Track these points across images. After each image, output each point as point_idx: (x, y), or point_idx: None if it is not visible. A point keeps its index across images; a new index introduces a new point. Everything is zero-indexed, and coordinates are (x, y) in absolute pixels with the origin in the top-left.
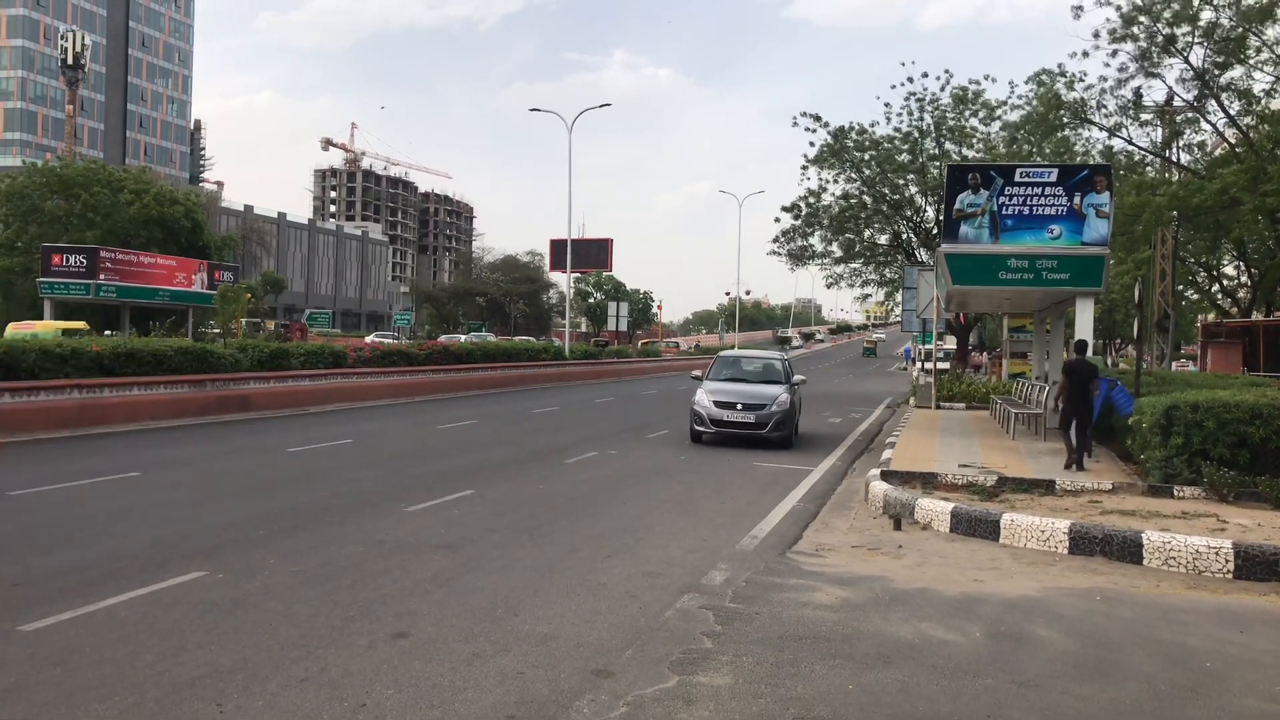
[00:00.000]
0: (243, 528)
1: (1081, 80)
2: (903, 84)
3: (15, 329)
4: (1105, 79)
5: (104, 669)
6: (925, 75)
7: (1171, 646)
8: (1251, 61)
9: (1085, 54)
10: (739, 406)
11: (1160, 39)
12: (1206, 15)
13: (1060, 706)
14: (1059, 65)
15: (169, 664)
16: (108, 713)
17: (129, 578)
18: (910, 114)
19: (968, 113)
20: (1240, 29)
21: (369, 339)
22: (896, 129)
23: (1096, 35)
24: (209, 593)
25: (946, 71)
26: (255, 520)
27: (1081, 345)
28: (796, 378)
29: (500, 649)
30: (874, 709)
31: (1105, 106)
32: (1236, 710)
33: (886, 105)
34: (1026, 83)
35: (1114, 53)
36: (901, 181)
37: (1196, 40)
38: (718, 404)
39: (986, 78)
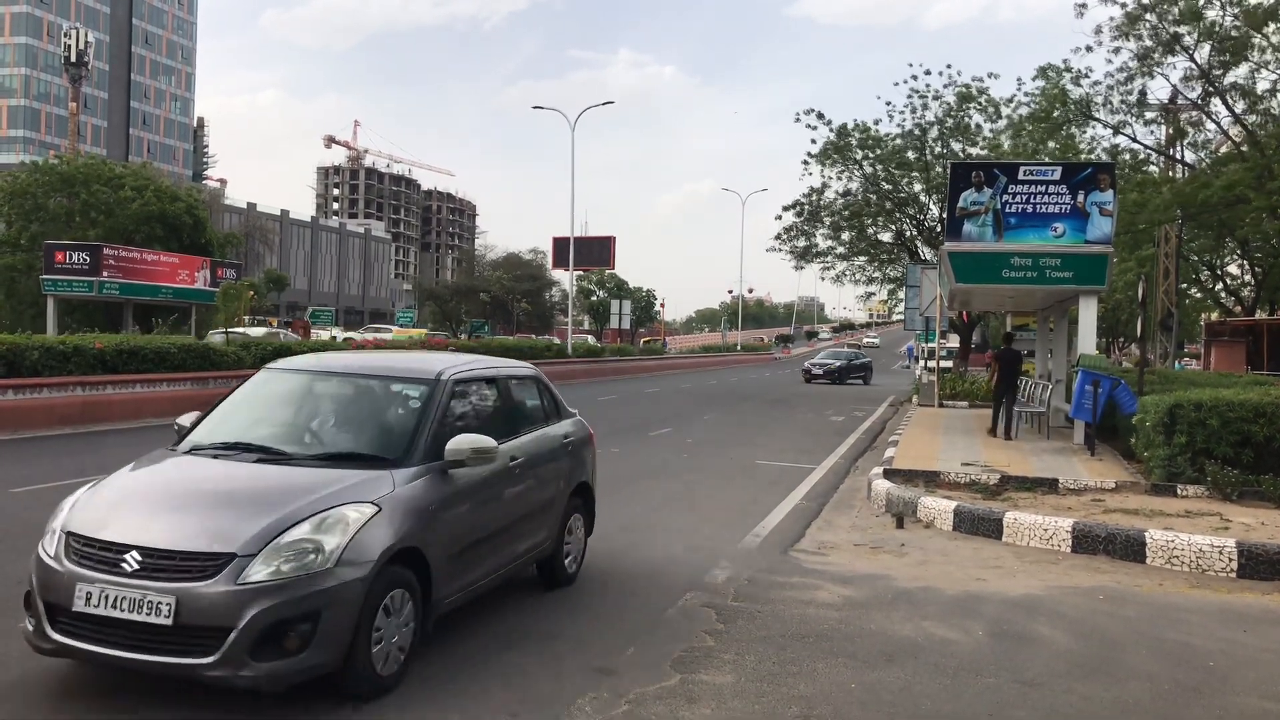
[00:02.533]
0: None
1: (1087, 76)
2: (907, 81)
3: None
4: (1111, 75)
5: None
6: (929, 73)
7: (1175, 645)
8: (1255, 61)
9: (1089, 49)
10: (130, 565)
11: (1165, 37)
12: (1211, 15)
13: (1063, 706)
14: (1064, 61)
15: None
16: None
17: None
18: (914, 111)
19: (973, 109)
20: (1243, 29)
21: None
22: (900, 125)
23: (1099, 31)
24: None
25: (949, 66)
26: None
27: (1009, 336)
28: (507, 446)
29: (502, 646)
30: (876, 708)
31: (1110, 104)
32: (1240, 709)
33: (889, 104)
34: (1034, 79)
35: (1116, 50)
36: (905, 179)
37: (1200, 39)
38: (78, 551)
39: (991, 75)
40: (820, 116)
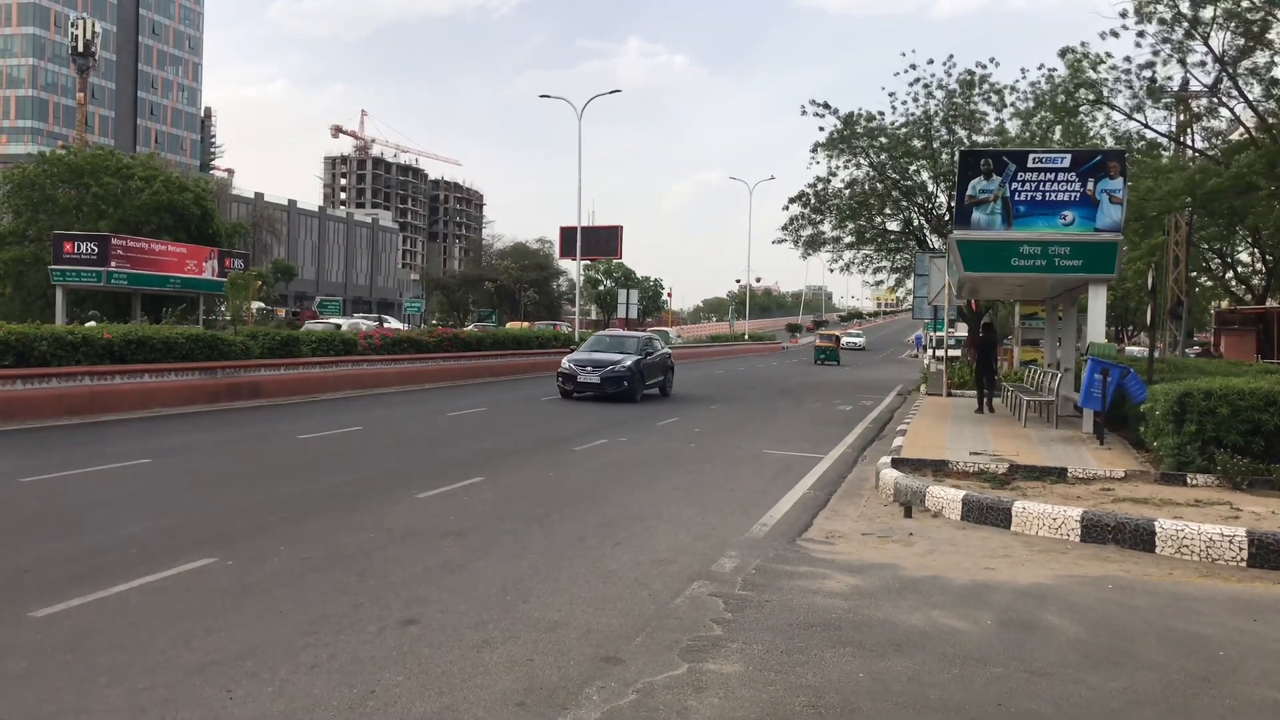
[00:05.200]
0: (253, 514)
1: (1106, 60)
2: (907, 71)
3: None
4: (1130, 59)
5: (114, 655)
6: (931, 62)
7: (1184, 635)
8: (1276, 46)
9: (1115, 34)
10: None
11: (1186, 21)
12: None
13: (1072, 695)
14: (1083, 44)
15: (179, 650)
16: (118, 698)
17: (140, 564)
18: (917, 100)
19: (977, 96)
20: (1264, 15)
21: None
22: (908, 114)
23: (1124, 15)
24: (219, 579)
25: (951, 57)
26: (266, 507)
27: (989, 327)
28: None
29: (509, 636)
30: (884, 697)
31: (1131, 87)
32: (1250, 699)
33: (891, 94)
34: (1042, 71)
35: (1140, 34)
36: (913, 168)
37: (1219, 23)
38: None
39: (992, 60)
40: (826, 106)
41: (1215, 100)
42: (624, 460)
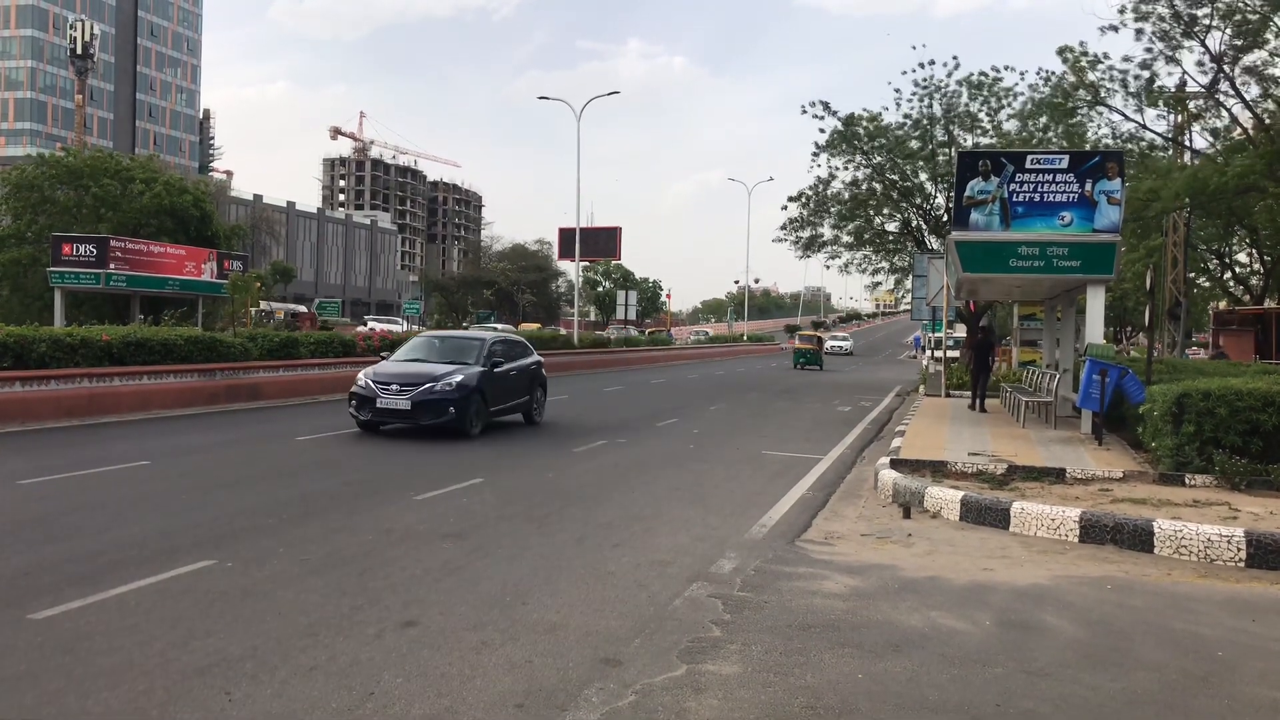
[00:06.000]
0: (252, 516)
1: (1101, 62)
2: (913, 70)
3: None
4: (1129, 58)
5: (113, 657)
6: (933, 63)
7: (1183, 635)
8: (1271, 45)
9: (1114, 28)
10: None
11: (1184, 19)
12: None
13: (1070, 695)
14: (1081, 43)
15: (178, 652)
16: (117, 701)
17: (138, 566)
18: (920, 100)
19: (978, 101)
20: (1262, 16)
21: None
22: (907, 115)
23: (1122, 11)
24: (218, 581)
25: (954, 58)
26: (264, 509)
27: (987, 329)
28: None
29: (508, 638)
30: (883, 698)
31: (1127, 86)
32: (1248, 699)
33: (897, 91)
34: (1037, 72)
35: (1139, 32)
36: (910, 169)
37: (1216, 24)
38: None
39: (1007, 67)
40: (826, 107)
41: (1214, 100)
42: (623, 461)
